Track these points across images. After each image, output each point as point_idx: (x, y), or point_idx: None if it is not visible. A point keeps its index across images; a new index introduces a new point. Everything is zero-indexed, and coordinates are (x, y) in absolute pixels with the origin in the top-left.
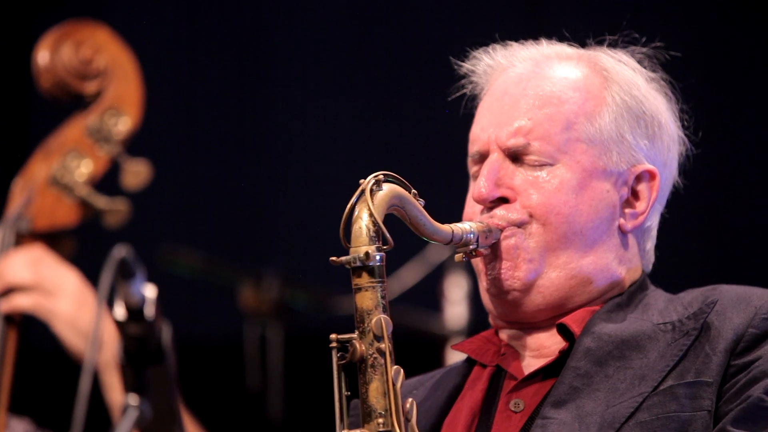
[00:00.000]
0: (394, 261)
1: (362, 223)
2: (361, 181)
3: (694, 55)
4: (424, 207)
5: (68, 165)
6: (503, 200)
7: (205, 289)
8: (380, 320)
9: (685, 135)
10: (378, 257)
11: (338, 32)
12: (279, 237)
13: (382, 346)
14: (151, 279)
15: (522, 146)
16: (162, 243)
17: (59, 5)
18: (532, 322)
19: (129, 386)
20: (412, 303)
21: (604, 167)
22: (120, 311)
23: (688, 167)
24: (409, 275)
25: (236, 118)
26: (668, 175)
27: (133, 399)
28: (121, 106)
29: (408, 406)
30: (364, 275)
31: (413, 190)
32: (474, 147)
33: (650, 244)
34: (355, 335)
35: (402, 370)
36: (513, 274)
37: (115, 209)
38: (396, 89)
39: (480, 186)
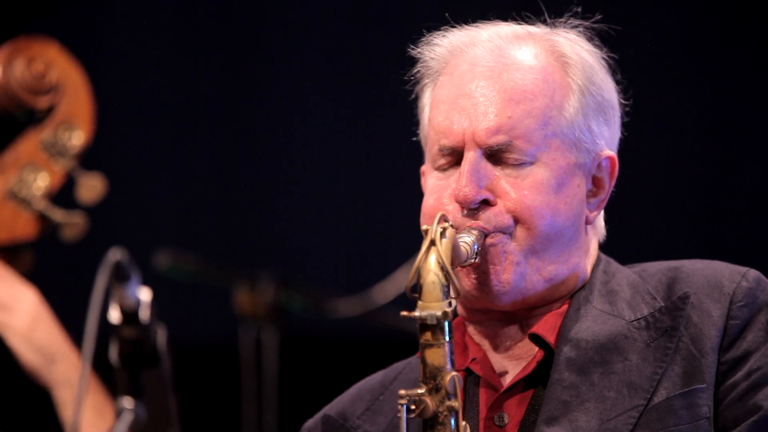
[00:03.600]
0: (392, 262)
1: (434, 277)
2: (426, 228)
3: (632, 28)
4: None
5: (25, 179)
6: (485, 202)
7: (200, 292)
8: (453, 378)
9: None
10: (451, 315)
11: (334, 36)
12: (274, 240)
13: (455, 404)
14: (146, 282)
15: (504, 144)
16: (157, 246)
17: (57, 5)
18: (502, 313)
19: (124, 389)
20: (409, 306)
21: (575, 161)
22: (115, 314)
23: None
24: (405, 278)
25: (231, 121)
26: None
27: (128, 402)
28: (73, 121)
29: None
30: (437, 332)
31: (449, 221)
32: (444, 140)
33: (602, 219)
34: (423, 390)
35: (469, 427)
36: (501, 278)
37: (72, 222)
38: (393, 91)
39: (463, 186)
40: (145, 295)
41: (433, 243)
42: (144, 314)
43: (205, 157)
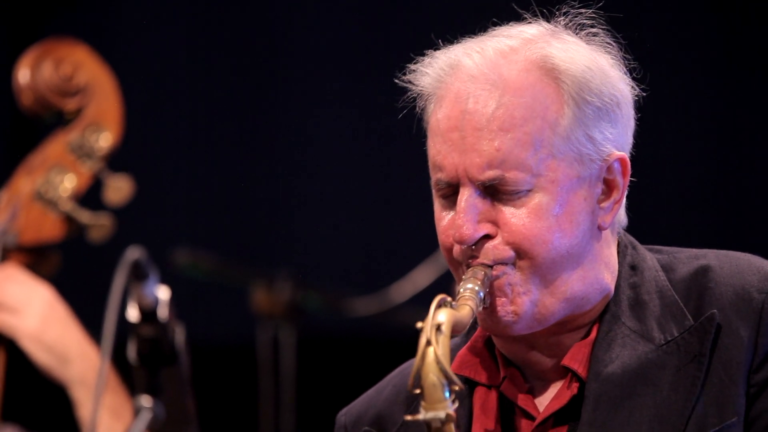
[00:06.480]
0: (407, 262)
1: (434, 378)
2: (419, 324)
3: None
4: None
5: (52, 180)
6: (486, 236)
7: (217, 291)
8: None
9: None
10: (455, 415)
11: (348, 35)
12: (291, 239)
13: None
14: (164, 281)
15: (497, 179)
16: (175, 245)
17: (70, 6)
18: (530, 337)
19: (142, 387)
20: (424, 304)
21: (578, 175)
22: (133, 313)
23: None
24: (422, 276)
25: (249, 121)
26: (630, 141)
27: (147, 400)
28: (101, 123)
29: None
30: (445, 429)
31: (449, 298)
32: (440, 174)
33: (622, 211)
34: None
35: None
36: (509, 309)
37: (98, 224)
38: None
39: (460, 227)
40: (163, 293)
41: (429, 343)
42: (162, 313)
43: (223, 157)
